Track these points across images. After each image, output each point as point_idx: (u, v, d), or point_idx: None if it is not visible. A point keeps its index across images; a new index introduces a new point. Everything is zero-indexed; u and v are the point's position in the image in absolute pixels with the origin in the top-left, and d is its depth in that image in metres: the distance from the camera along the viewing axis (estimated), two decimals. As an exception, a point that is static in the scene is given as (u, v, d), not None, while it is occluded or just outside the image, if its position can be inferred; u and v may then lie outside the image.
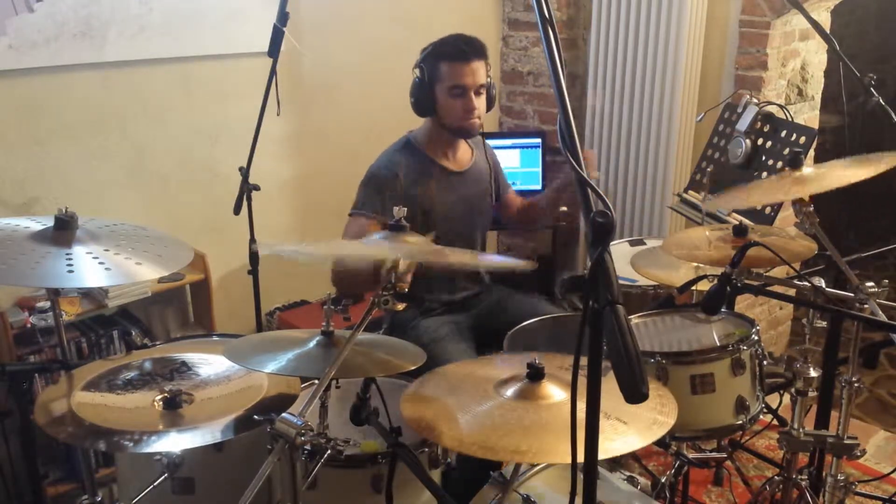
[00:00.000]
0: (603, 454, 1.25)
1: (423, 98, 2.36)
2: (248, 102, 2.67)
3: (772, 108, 2.66)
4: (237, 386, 1.75)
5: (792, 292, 2.07)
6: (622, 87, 3.50)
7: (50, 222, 1.65)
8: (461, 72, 2.31)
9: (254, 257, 2.58)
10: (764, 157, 2.59)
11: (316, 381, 1.50)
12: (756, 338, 2.00)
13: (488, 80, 2.37)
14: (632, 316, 2.18)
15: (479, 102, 2.36)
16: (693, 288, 1.91)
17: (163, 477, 1.69)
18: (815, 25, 1.94)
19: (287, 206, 3.35)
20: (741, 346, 1.93)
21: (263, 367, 1.55)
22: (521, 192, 3.64)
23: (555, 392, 1.50)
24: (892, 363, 3.81)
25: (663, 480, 2.12)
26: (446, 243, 1.82)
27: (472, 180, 2.52)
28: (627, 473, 1.72)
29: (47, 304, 2.54)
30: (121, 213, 2.82)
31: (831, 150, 4.40)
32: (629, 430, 1.40)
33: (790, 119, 2.68)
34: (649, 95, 3.40)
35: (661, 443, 1.97)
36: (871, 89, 1.93)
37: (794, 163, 1.90)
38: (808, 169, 1.89)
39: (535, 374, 1.52)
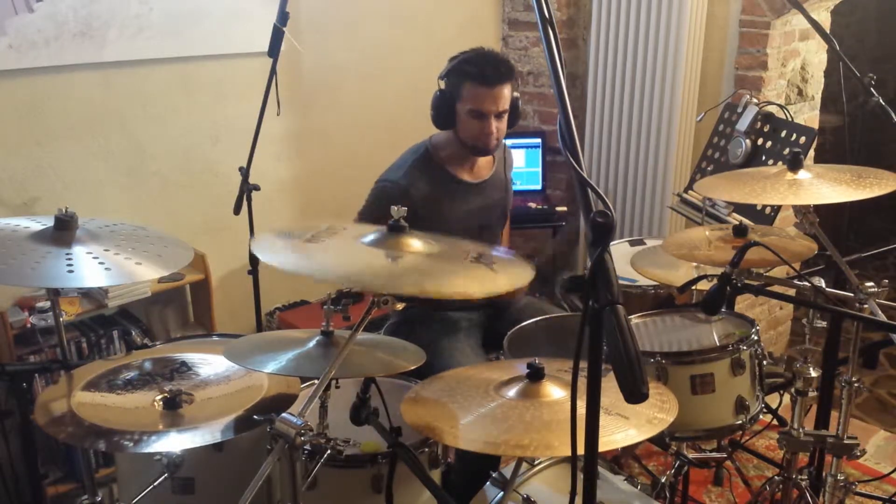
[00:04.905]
0: (603, 447, 1.25)
1: (444, 112, 2.31)
2: (248, 102, 2.67)
3: (772, 108, 2.66)
4: (237, 386, 1.75)
5: (792, 292, 2.07)
6: (622, 87, 3.50)
7: (50, 222, 1.65)
8: (483, 97, 2.24)
9: (254, 257, 2.58)
10: (764, 157, 2.59)
11: (316, 381, 1.50)
12: (756, 338, 2.00)
13: (514, 97, 2.31)
14: (632, 316, 2.18)
15: (500, 124, 2.30)
16: (693, 288, 1.91)
17: (163, 477, 1.69)
18: (815, 25, 1.94)
19: (287, 206, 3.35)
20: (741, 346, 1.93)
21: (263, 367, 1.56)
22: (521, 192, 3.67)
23: (555, 391, 1.51)
24: (892, 363, 3.81)
25: (663, 480, 2.12)
26: None
27: (488, 191, 2.47)
28: (627, 474, 1.73)
29: (47, 304, 2.54)
30: (121, 213, 2.82)
31: (831, 150, 4.41)
32: (630, 424, 1.40)
33: (790, 119, 2.68)
34: (649, 95, 3.40)
35: (661, 443, 1.97)
36: (871, 89, 1.93)
37: (794, 163, 1.90)
38: (804, 174, 1.89)
39: (536, 375, 1.52)
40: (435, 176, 2.35)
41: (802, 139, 2.49)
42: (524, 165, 3.76)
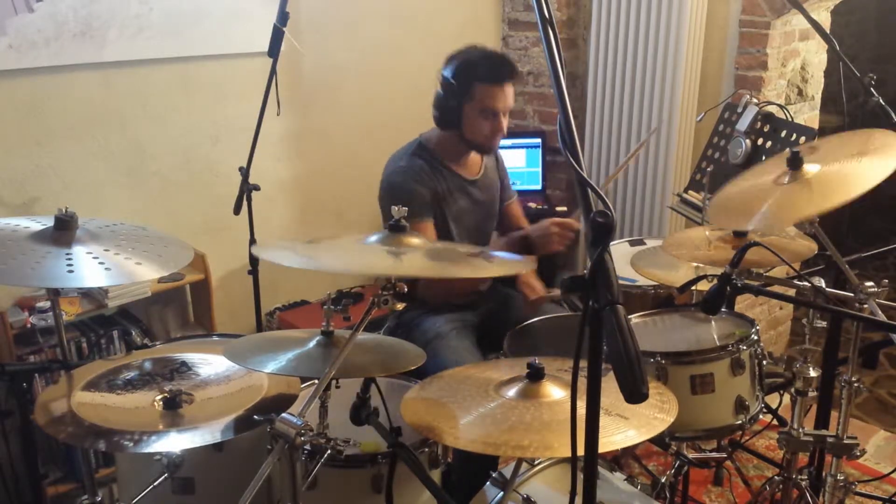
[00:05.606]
0: (603, 448, 1.25)
1: (449, 113, 2.31)
2: (248, 102, 2.66)
3: (772, 108, 2.66)
4: (237, 386, 1.75)
5: (792, 292, 2.07)
6: (622, 87, 3.50)
7: (50, 222, 1.65)
8: (496, 96, 2.27)
9: (254, 257, 2.58)
10: (764, 157, 2.59)
11: (316, 381, 1.50)
12: (756, 338, 2.00)
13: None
14: (632, 316, 2.18)
15: (506, 121, 2.34)
16: (693, 288, 1.91)
17: (163, 477, 1.69)
18: (815, 25, 1.94)
19: (287, 206, 3.35)
20: (741, 346, 1.94)
21: (263, 367, 1.56)
22: (521, 192, 3.67)
23: (555, 391, 1.51)
24: (892, 363, 3.81)
25: (663, 480, 2.12)
26: None
27: (484, 188, 2.50)
28: (627, 474, 1.72)
29: (47, 304, 2.54)
30: (121, 213, 2.82)
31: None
32: (630, 425, 1.40)
33: (790, 119, 2.68)
34: (649, 95, 3.40)
35: (661, 443, 1.97)
36: (871, 89, 1.92)
37: (794, 163, 1.89)
38: (811, 167, 1.84)
39: (536, 375, 1.52)
40: (435, 167, 2.38)
41: (802, 139, 2.49)
42: (524, 165, 3.76)
